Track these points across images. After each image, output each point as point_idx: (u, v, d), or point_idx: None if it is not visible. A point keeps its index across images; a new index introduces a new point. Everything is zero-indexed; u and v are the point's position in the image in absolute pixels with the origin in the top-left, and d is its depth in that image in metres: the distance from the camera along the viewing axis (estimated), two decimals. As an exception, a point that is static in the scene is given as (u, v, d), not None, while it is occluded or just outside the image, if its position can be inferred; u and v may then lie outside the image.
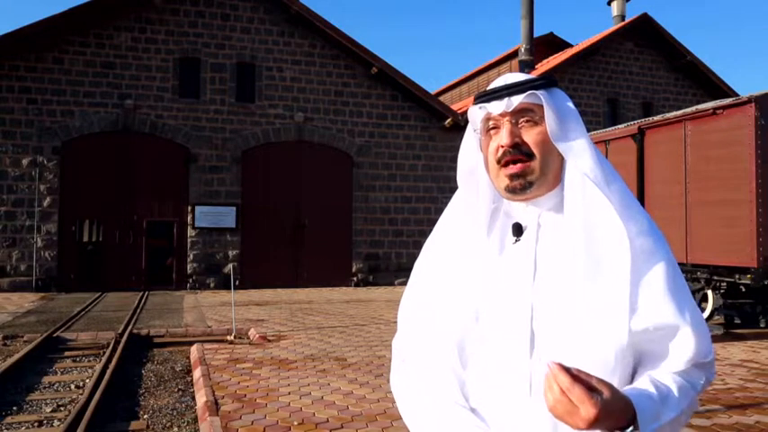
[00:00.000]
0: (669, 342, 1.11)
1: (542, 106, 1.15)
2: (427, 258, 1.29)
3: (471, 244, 1.22)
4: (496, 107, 1.16)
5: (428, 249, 1.31)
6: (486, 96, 1.18)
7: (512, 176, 1.15)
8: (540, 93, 1.15)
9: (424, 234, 17.04)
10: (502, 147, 1.15)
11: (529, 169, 1.15)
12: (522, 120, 1.16)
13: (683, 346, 1.11)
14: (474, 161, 1.24)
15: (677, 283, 1.13)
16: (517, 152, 1.15)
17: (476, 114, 1.21)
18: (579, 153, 1.15)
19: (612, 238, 1.11)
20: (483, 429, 1.11)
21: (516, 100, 1.15)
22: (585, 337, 1.08)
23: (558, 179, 1.18)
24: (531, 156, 1.15)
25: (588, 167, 1.14)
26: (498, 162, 1.16)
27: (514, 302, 1.14)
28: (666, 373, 1.11)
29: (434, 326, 1.20)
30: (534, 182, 1.15)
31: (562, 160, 1.17)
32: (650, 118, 10.92)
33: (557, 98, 1.17)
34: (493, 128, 1.19)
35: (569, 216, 1.15)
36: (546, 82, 1.17)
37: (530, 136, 1.16)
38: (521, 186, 1.15)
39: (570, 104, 1.19)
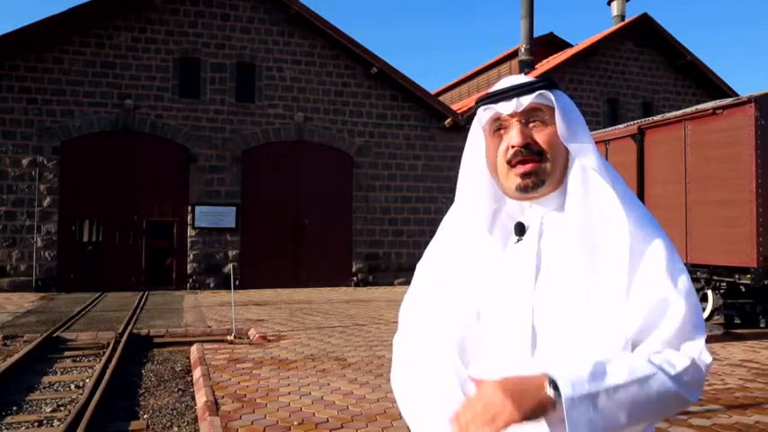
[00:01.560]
0: (658, 318, 1.10)
1: (549, 107, 1.16)
2: (430, 258, 1.30)
3: (473, 244, 1.23)
4: (506, 107, 1.17)
5: (431, 249, 1.32)
6: (492, 97, 1.19)
7: (523, 175, 1.15)
8: (548, 93, 1.16)
9: (424, 234, 16.97)
10: (513, 147, 1.16)
11: (541, 168, 1.16)
12: (531, 120, 1.17)
13: (670, 318, 1.09)
14: (478, 162, 1.24)
15: (674, 267, 1.13)
16: (528, 152, 1.15)
17: (482, 115, 1.21)
18: (586, 153, 1.16)
19: (612, 221, 1.13)
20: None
21: (526, 100, 1.15)
22: (586, 334, 1.09)
23: (562, 180, 1.19)
24: (541, 155, 1.16)
25: (593, 164, 1.16)
26: (509, 162, 1.17)
27: (516, 301, 1.14)
28: (620, 352, 1.08)
29: (436, 325, 1.20)
30: (546, 179, 1.16)
31: (566, 161, 1.18)
32: (650, 118, 10.92)
33: (563, 99, 1.18)
34: (501, 129, 1.19)
35: (570, 202, 1.16)
36: (551, 83, 1.18)
37: (541, 136, 1.16)
38: (533, 184, 1.16)
39: (574, 105, 1.21)
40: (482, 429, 0.98)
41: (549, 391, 1.00)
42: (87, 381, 6.47)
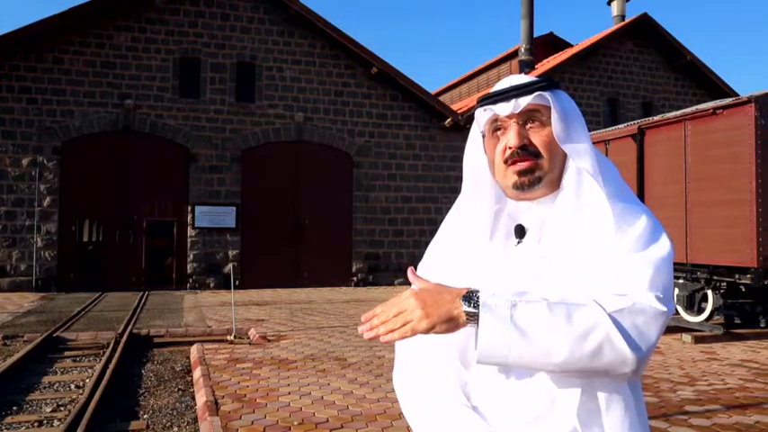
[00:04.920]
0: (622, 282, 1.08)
1: (548, 107, 1.16)
2: (431, 259, 1.30)
3: (474, 245, 1.23)
4: (503, 109, 1.16)
5: (432, 250, 1.31)
6: (492, 98, 1.19)
7: (520, 173, 1.16)
8: (546, 94, 1.16)
9: (425, 234, 16.88)
10: (510, 148, 1.16)
11: (537, 166, 1.16)
12: (528, 121, 1.17)
13: (630, 279, 1.06)
14: (478, 163, 1.24)
15: (649, 251, 1.11)
16: (525, 153, 1.15)
17: (481, 116, 1.21)
18: (582, 154, 1.16)
19: (600, 223, 1.13)
20: (485, 429, 1.12)
21: (524, 101, 1.15)
22: None
23: (560, 182, 1.19)
24: (538, 156, 1.16)
25: (588, 165, 1.16)
26: (506, 162, 1.17)
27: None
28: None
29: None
30: (543, 177, 1.16)
31: (564, 162, 1.18)
32: (650, 118, 10.91)
33: (562, 100, 1.18)
34: (499, 129, 1.19)
35: (563, 205, 1.16)
36: (550, 83, 1.17)
37: (537, 137, 1.16)
38: (529, 182, 1.16)
39: (574, 106, 1.20)
40: (390, 335, 1.03)
41: (463, 304, 1.02)
42: (87, 381, 6.47)
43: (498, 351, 1.00)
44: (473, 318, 1.01)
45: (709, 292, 8.83)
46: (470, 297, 1.02)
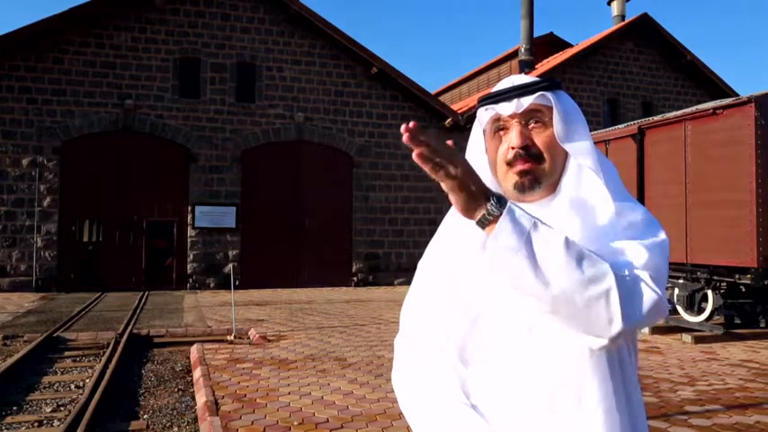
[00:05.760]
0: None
1: (550, 108, 1.16)
2: (430, 258, 1.30)
3: (473, 245, 1.23)
4: (506, 108, 1.16)
5: (431, 249, 1.31)
6: (493, 97, 1.18)
7: (521, 173, 1.15)
8: (549, 94, 1.15)
9: (424, 234, 16.87)
10: (512, 148, 1.16)
11: (539, 169, 1.16)
12: (531, 121, 1.17)
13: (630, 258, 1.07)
14: (480, 163, 1.24)
15: (648, 242, 1.11)
16: (527, 154, 1.15)
17: (483, 115, 1.21)
18: (584, 154, 1.16)
19: (601, 218, 1.13)
20: (485, 427, 1.12)
21: (526, 101, 1.15)
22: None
23: (560, 183, 1.19)
24: (540, 158, 1.16)
25: (591, 165, 1.16)
26: (508, 164, 1.17)
27: (514, 303, 1.14)
28: None
29: (435, 325, 1.21)
30: (543, 181, 1.16)
31: (564, 164, 1.18)
32: (650, 118, 10.91)
33: (563, 100, 1.18)
34: (501, 129, 1.19)
35: (562, 202, 1.16)
36: (553, 83, 1.17)
37: (540, 138, 1.16)
38: (530, 183, 1.16)
39: (575, 106, 1.20)
40: (420, 150, 0.97)
41: (491, 199, 1.00)
42: (87, 381, 6.47)
43: (504, 252, 0.99)
44: (488, 219, 1.00)
45: (710, 292, 8.83)
46: (501, 199, 1.01)
